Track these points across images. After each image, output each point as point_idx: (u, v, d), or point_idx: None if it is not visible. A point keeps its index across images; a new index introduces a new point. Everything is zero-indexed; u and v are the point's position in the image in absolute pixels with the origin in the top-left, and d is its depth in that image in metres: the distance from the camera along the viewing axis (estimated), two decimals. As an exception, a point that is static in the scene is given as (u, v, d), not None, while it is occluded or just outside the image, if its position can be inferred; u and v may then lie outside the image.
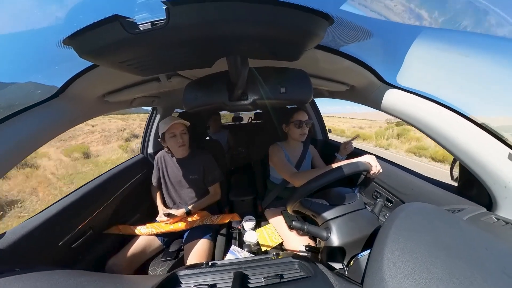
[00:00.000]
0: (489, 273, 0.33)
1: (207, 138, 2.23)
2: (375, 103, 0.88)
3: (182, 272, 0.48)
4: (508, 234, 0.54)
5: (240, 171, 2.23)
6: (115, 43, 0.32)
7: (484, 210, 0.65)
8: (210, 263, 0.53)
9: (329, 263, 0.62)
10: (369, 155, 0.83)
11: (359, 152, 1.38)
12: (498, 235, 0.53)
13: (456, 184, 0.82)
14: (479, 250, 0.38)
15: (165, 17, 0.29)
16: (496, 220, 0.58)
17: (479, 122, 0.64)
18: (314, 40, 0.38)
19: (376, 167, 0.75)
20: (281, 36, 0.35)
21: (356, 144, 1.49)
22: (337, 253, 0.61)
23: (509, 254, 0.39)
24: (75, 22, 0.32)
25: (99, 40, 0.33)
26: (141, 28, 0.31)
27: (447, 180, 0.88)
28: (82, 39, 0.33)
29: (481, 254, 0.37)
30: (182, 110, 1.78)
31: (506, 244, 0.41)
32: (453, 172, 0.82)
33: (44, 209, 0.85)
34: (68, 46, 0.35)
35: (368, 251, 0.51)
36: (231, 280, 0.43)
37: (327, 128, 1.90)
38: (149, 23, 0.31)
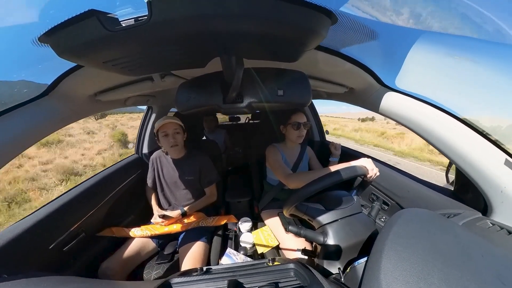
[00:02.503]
0: (485, 281, 0.33)
1: (204, 138, 2.21)
2: (374, 106, 0.87)
3: (175, 280, 0.47)
4: (503, 239, 0.54)
5: (236, 172, 2.22)
6: (93, 42, 0.29)
7: (480, 215, 0.65)
8: (204, 269, 0.52)
9: (325, 266, 0.61)
10: (366, 158, 0.82)
11: (356, 155, 1.39)
12: (493, 241, 0.53)
13: (452, 187, 0.82)
14: (475, 257, 0.38)
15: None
16: (491, 225, 0.59)
17: (478, 128, 0.64)
18: (315, 39, 0.35)
19: (372, 171, 0.75)
20: (280, 34, 0.32)
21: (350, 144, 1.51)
22: (333, 257, 0.61)
23: (504, 261, 0.39)
24: (47, 19, 0.29)
25: (75, 38, 0.30)
26: (123, 25, 0.28)
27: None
28: (58, 37, 0.31)
29: (476, 261, 0.37)
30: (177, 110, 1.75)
31: (501, 251, 0.42)
32: (449, 176, 0.83)
33: (34, 211, 0.82)
34: (45, 44, 0.32)
35: (365, 258, 0.50)
36: None
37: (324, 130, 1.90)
38: (133, 19, 0.29)
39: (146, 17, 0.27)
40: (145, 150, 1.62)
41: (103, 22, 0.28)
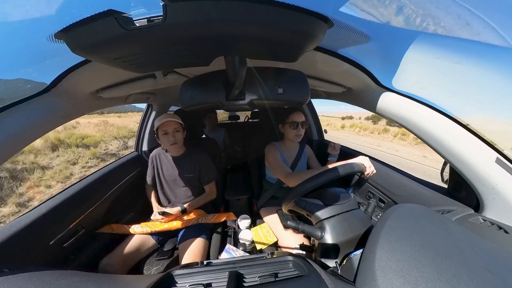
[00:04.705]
0: (474, 271, 0.35)
1: (203, 136, 2.22)
2: (371, 105, 0.89)
3: (177, 272, 0.48)
4: (493, 234, 0.56)
5: (236, 170, 2.23)
6: (109, 39, 0.31)
7: (472, 211, 0.68)
8: (205, 262, 0.53)
9: (322, 261, 0.63)
10: (363, 156, 0.84)
11: (353, 153, 1.41)
12: (484, 236, 0.55)
13: (446, 185, 0.84)
14: (465, 249, 0.40)
15: (162, 14, 0.28)
16: (482, 221, 0.61)
17: (471, 128, 0.66)
18: (313, 42, 0.38)
19: (370, 168, 0.77)
20: (280, 37, 0.35)
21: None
22: (330, 251, 0.63)
23: (492, 253, 0.41)
24: (67, 16, 0.30)
25: (93, 35, 0.32)
26: (137, 24, 0.30)
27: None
28: (75, 34, 0.32)
29: (466, 253, 0.39)
30: (177, 108, 1.76)
31: (490, 244, 0.44)
32: (443, 174, 0.85)
33: (35, 207, 0.83)
34: (60, 40, 0.33)
35: (361, 250, 0.52)
36: (226, 279, 0.44)
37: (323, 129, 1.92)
38: (146, 19, 0.30)
39: (160, 18, 0.29)
40: (144, 147, 1.62)
41: (120, 21, 0.29)
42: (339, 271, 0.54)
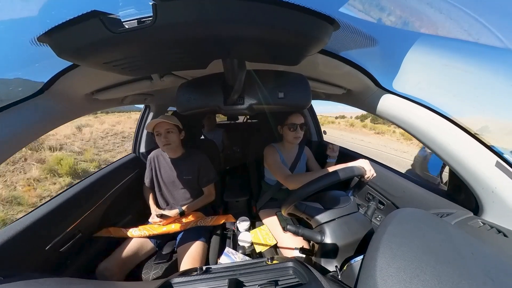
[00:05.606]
0: (474, 278, 0.35)
1: (202, 137, 2.21)
2: (371, 107, 0.89)
3: (176, 280, 0.47)
4: (492, 238, 0.56)
5: (234, 171, 2.22)
6: (96, 43, 0.29)
7: (471, 214, 0.68)
8: (204, 268, 0.53)
9: (322, 265, 0.63)
10: (364, 159, 0.84)
11: (352, 154, 1.41)
12: (483, 240, 0.55)
13: (445, 188, 0.85)
14: (466, 255, 0.40)
15: (152, 15, 0.26)
16: (482, 224, 0.61)
17: (471, 131, 0.66)
18: (317, 45, 0.36)
19: (370, 172, 0.76)
20: (284, 40, 0.32)
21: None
22: (330, 255, 0.62)
23: (493, 259, 0.41)
24: (48, 19, 0.28)
25: (77, 39, 0.29)
26: (126, 26, 0.28)
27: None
28: (58, 37, 0.30)
29: (467, 259, 0.39)
30: (175, 109, 1.74)
31: (490, 249, 0.44)
32: (442, 176, 0.85)
33: (30, 212, 0.81)
34: (44, 44, 0.31)
35: (361, 256, 0.52)
36: (226, 287, 0.43)
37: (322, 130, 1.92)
38: (136, 20, 0.28)
39: (150, 19, 0.26)
40: (142, 149, 1.61)
41: (106, 23, 0.27)
42: (339, 276, 0.54)
